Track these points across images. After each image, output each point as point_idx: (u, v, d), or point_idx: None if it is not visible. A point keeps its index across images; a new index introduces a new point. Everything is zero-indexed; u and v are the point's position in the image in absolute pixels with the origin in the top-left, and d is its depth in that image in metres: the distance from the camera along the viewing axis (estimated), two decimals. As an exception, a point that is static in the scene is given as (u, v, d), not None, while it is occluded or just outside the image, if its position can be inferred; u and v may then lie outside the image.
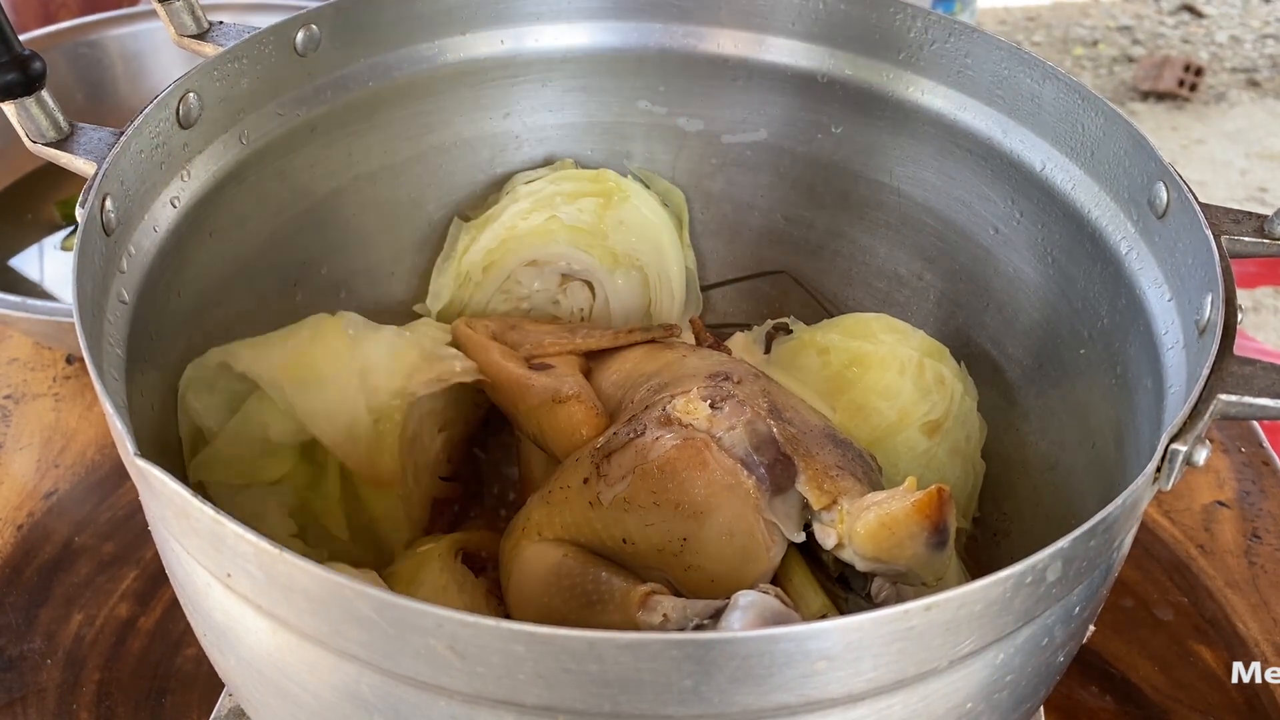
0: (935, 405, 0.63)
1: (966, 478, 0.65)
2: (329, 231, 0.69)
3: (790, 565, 0.52)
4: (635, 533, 0.51)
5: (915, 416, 0.63)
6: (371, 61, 0.67)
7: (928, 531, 0.45)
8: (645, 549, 0.50)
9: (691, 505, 0.49)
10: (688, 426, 0.52)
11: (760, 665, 0.34)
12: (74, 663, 0.66)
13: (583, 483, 0.53)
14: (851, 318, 0.70)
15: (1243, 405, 0.42)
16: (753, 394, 0.53)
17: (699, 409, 0.52)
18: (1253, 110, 2.82)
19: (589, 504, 0.52)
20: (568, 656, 0.34)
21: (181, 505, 0.38)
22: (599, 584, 0.49)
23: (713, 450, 0.50)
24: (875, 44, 0.68)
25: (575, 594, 0.50)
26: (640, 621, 0.47)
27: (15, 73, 0.52)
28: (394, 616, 0.35)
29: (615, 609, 0.48)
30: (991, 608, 0.36)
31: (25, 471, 0.77)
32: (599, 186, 0.73)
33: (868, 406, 0.63)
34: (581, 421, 0.58)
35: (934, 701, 0.39)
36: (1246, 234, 0.51)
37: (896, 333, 0.66)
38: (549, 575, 0.52)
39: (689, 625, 0.46)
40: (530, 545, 0.54)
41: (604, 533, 0.52)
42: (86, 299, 0.47)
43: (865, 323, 0.68)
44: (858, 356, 0.65)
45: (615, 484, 0.52)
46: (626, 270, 0.72)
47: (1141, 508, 0.43)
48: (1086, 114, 0.59)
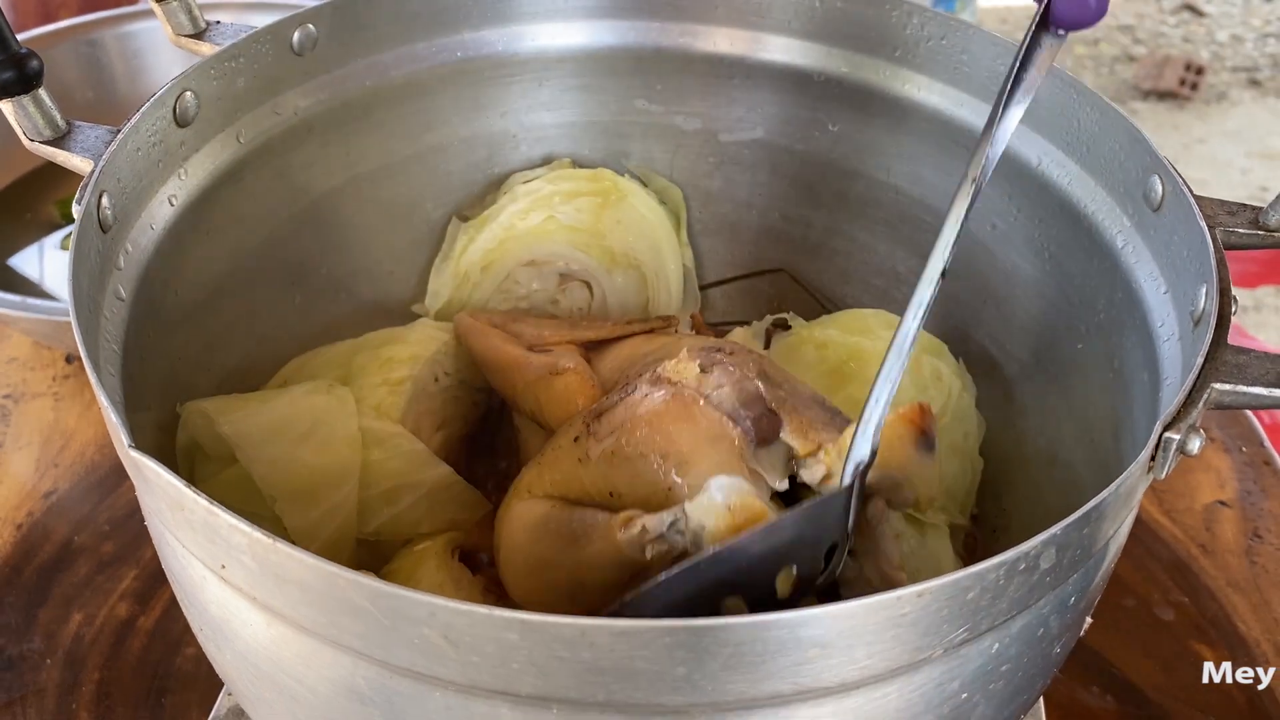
0: (932, 401, 0.63)
1: (964, 474, 0.65)
2: (327, 230, 0.69)
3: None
4: (622, 485, 0.51)
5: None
6: (369, 61, 0.67)
7: (914, 434, 0.47)
8: (631, 501, 0.51)
9: (679, 456, 0.50)
10: (677, 384, 0.52)
11: (753, 653, 0.34)
12: (73, 662, 0.66)
13: (572, 441, 0.54)
14: (850, 313, 0.70)
15: (1237, 394, 0.42)
16: (743, 362, 0.54)
17: (689, 369, 0.53)
18: (1254, 109, 2.82)
19: (578, 460, 0.53)
20: (560, 644, 0.34)
21: (176, 496, 0.38)
22: (583, 521, 0.51)
23: (699, 404, 0.51)
24: (872, 41, 0.68)
25: (560, 535, 0.51)
26: (622, 542, 0.48)
27: (12, 71, 0.52)
28: (388, 606, 0.35)
29: (599, 538, 0.49)
30: (985, 594, 0.36)
31: (24, 471, 0.77)
32: (596, 186, 0.73)
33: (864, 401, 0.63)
34: (577, 391, 0.59)
35: (929, 691, 0.39)
36: (1241, 226, 0.51)
37: (894, 328, 0.66)
38: (536, 525, 0.53)
39: (665, 527, 0.47)
40: (520, 503, 0.55)
41: (591, 488, 0.53)
42: (83, 295, 0.47)
43: (863, 318, 0.68)
44: (855, 351, 0.65)
45: (604, 439, 0.52)
46: (624, 269, 0.72)
47: (1136, 496, 0.43)
48: (1082, 109, 0.59)
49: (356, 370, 0.63)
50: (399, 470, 0.60)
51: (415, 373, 0.63)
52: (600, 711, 0.36)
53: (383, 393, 0.62)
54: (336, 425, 0.59)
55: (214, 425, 0.57)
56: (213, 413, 0.58)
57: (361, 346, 0.66)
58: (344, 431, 0.59)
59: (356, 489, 0.58)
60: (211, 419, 0.57)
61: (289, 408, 0.60)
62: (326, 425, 0.59)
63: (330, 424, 0.59)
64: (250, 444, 0.57)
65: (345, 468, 0.58)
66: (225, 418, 0.57)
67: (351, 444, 0.59)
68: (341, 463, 0.58)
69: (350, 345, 0.66)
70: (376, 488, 0.59)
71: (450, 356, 0.67)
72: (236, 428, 0.57)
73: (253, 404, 0.60)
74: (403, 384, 0.63)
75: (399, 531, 0.60)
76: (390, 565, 0.61)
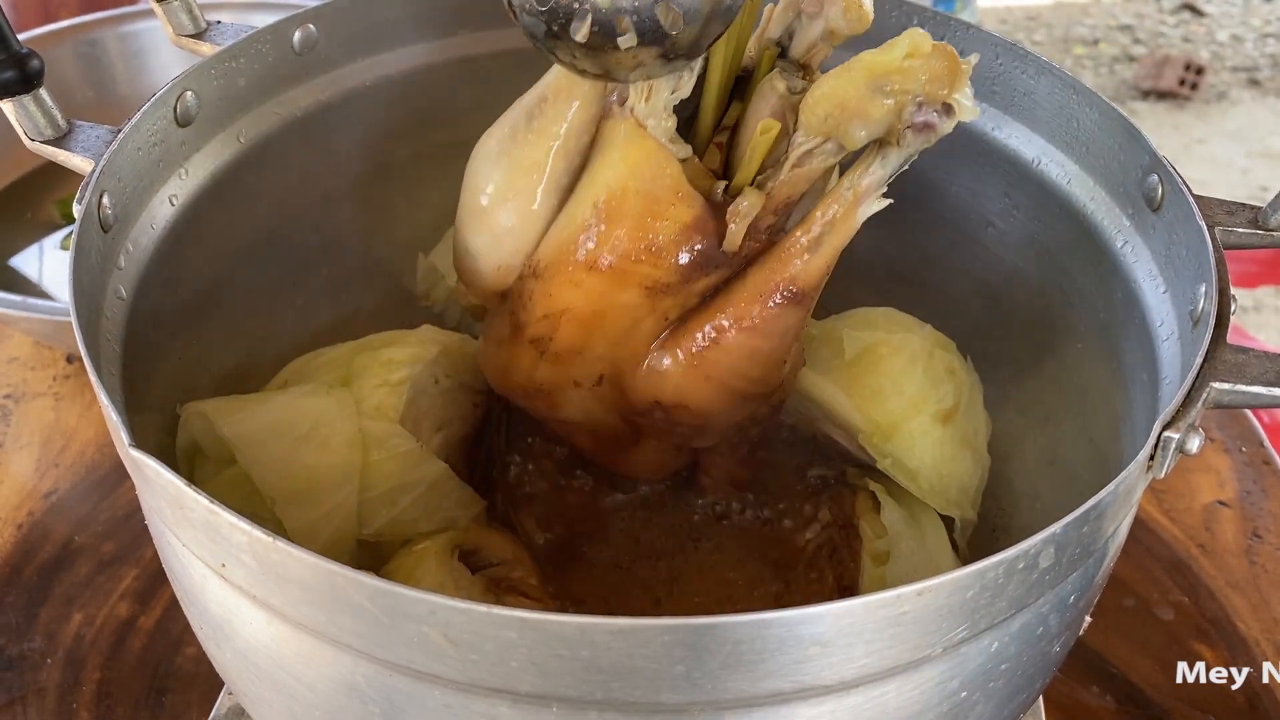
0: (946, 394, 0.63)
1: (975, 470, 0.65)
2: (328, 230, 0.69)
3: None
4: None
5: (928, 404, 0.63)
6: (369, 60, 0.67)
7: (946, 76, 0.47)
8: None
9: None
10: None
11: (752, 651, 0.34)
12: (74, 662, 0.66)
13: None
14: (859, 312, 0.70)
15: (1236, 393, 0.42)
16: None
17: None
18: (1254, 109, 2.83)
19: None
20: (559, 643, 0.34)
21: (176, 496, 0.38)
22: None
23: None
24: (871, 42, 0.68)
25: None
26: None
27: (13, 71, 0.52)
28: (387, 604, 0.35)
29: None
30: (985, 593, 0.36)
31: (25, 471, 0.77)
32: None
33: (882, 392, 0.63)
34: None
35: (928, 689, 0.39)
36: (1240, 225, 0.51)
37: (905, 326, 0.67)
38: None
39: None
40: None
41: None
42: (83, 294, 0.47)
43: (872, 317, 0.68)
44: (869, 346, 0.65)
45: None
46: None
47: (1136, 495, 0.43)
48: (1081, 108, 0.59)
49: (357, 371, 0.63)
50: (396, 471, 0.60)
51: (415, 374, 0.63)
52: (599, 710, 0.36)
53: (383, 393, 0.62)
54: (336, 426, 0.59)
55: (214, 427, 0.57)
56: (212, 414, 0.57)
57: (363, 348, 0.66)
58: (343, 432, 0.59)
59: (357, 490, 0.58)
60: (211, 420, 0.57)
61: (288, 409, 0.59)
62: (326, 426, 0.59)
63: (330, 425, 0.59)
64: (250, 445, 0.57)
65: (345, 469, 0.58)
66: (225, 419, 0.57)
67: (351, 445, 0.59)
68: (341, 464, 0.58)
69: (351, 346, 0.66)
70: (376, 490, 0.59)
71: (451, 360, 0.67)
72: (236, 429, 0.57)
73: (252, 405, 0.59)
74: (403, 385, 0.63)
75: (398, 532, 0.60)
76: (390, 565, 0.60)
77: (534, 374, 0.57)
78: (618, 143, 0.52)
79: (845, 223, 0.51)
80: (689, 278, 0.52)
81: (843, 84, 0.48)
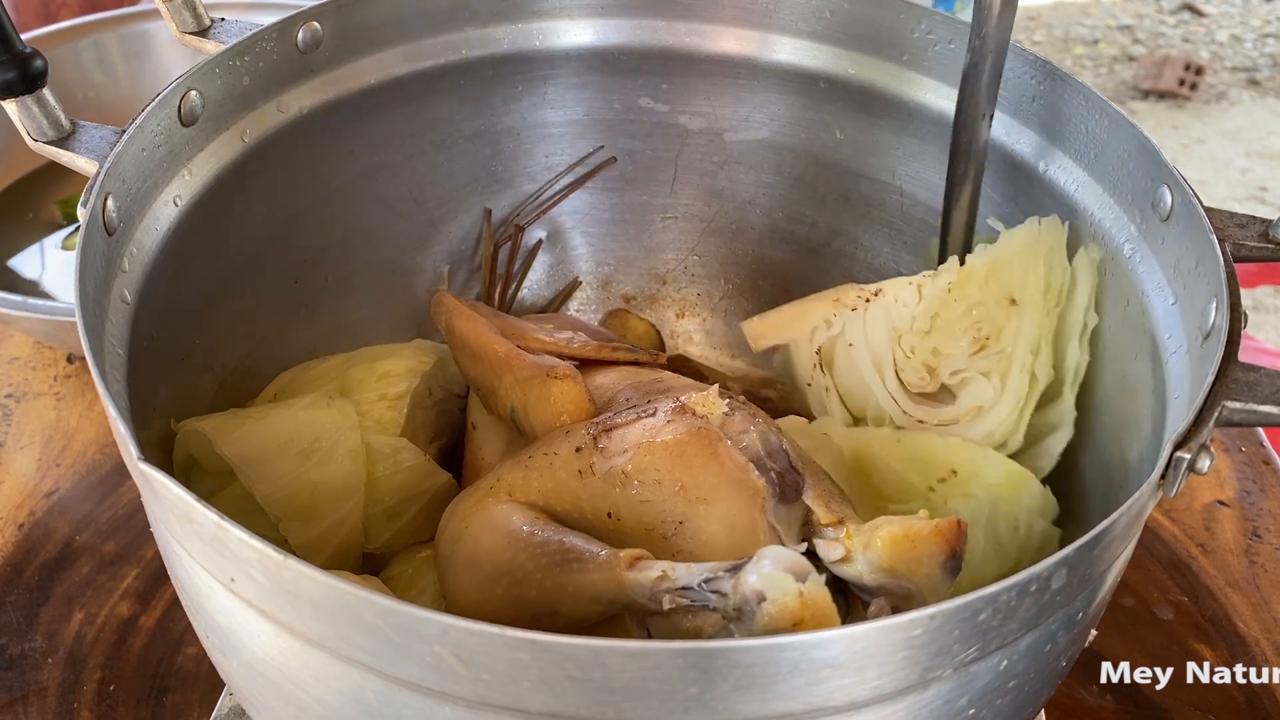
0: (1006, 558, 0.58)
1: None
2: (331, 229, 0.69)
3: None
4: (625, 509, 0.50)
5: (986, 576, 0.57)
6: (373, 58, 0.67)
7: (945, 554, 0.45)
8: (632, 526, 0.50)
9: (698, 491, 0.49)
10: (703, 419, 0.51)
11: (765, 673, 0.34)
12: (75, 661, 0.66)
13: (574, 451, 0.52)
14: (922, 442, 0.62)
15: (1247, 412, 0.42)
16: (757, 414, 0.53)
17: (716, 405, 0.51)
18: (1253, 109, 2.82)
19: (578, 473, 0.51)
20: (572, 664, 0.34)
21: (185, 510, 0.38)
22: (577, 546, 0.48)
23: (726, 444, 0.50)
24: (879, 44, 0.68)
25: (547, 552, 0.49)
26: (628, 581, 0.45)
27: (16, 71, 0.51)
28: (398, 624, 0.35)
29: (596, 569, 0.47)
30: (996, 615, 0.36)
31: (26, 470, 0.77)
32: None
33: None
34: (573, 400, 0.56)
35: (937, 707, 0.39)
36: (1251, 239, 0.51)
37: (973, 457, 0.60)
38: (517, 533, 0.50)
39: (695, 582, 0.44)
40: (499, 504, 0.53)
41: (587, 504, 0.51)
42: (89, 300, 0.46)
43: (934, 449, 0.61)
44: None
45: (613, 457, 0.51)
46: None
47: (1145, 515, 0.43)
48: (1090, 116, 0.59)
49: (353, 384, 0.62)
50: (404, 485, 0.59)
51: (414, 387, 0.63)
52: (611, 729, 0.36)
53: (382, 408, 0.62)
54: (338, 439, 0.58)
55: (213, 446, 0.56)
56: (210, 433, 0.56)
57: (354, 361, 0.65)
58: (346, 445, 0.58)
59: (361, 503, 0.57)
60: (210, 439, 0.56)
61: (288, 424, 0.58)
62: (328, 439, 0.58)
63: (332, 438, 0.58)
64: (251, 464, 0.56)
65: (349, 481, 0.57)
66: (224, 438, 0.56)
67: (354, 457, 0.58)
68: (344, 477, 0.57)
69: (343, 359, 0.65)
70: (382, 504, 0.59)
71: (444, 371, 0.67)
72: (236, 448, 0.56)
73: (250, 422, 0.58)
74: (401, 399, 0.62)
75: (402, 543, 0.60)
76: (390, 570, 0.60)
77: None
78: None
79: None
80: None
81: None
